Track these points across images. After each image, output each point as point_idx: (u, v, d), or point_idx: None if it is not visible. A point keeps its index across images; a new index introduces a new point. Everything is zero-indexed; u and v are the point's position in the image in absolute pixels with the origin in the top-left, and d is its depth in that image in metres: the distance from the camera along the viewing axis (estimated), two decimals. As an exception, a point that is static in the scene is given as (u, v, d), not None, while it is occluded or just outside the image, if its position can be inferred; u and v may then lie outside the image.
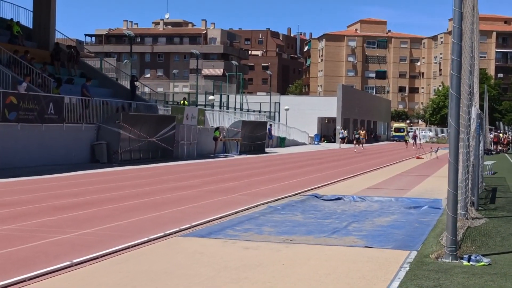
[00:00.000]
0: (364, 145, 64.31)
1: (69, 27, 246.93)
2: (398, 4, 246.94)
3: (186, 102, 54.18)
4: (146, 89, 50.76)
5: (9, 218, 13.62)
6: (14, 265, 9.28)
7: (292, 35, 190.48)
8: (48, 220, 13.46)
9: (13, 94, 27.86)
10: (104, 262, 9.66)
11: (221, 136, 45.37)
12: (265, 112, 73.16)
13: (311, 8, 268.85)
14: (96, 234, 11.93)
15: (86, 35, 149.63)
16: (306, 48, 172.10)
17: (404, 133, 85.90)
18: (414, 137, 71.89)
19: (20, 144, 27.82)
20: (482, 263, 9.92)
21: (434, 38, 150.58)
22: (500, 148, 65.76)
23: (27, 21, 41.65)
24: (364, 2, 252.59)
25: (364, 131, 69.25)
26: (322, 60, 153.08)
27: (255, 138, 51.99)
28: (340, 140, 77.16)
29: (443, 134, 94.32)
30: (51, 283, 8.37)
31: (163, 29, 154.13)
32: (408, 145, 70.83)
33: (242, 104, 72.91)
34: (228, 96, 70.98)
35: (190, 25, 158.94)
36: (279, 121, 74.85)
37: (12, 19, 40.15)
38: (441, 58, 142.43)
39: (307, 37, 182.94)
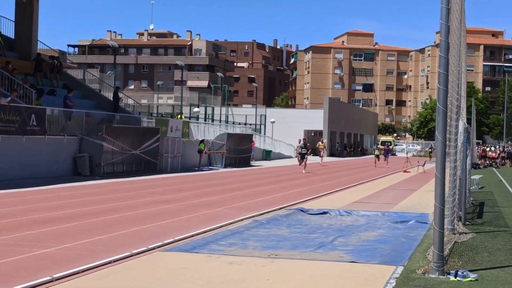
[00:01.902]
0: (323, 159, 57.69)
1: (51, 37, 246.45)
2: (385, 16, 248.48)
3: (183, 117, 54.18)
4: (130, 101, 50.79)
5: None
6: (1, 278, 9.24)
7: (278, 47, 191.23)
8: (28, 234, 13.38)
9: (-6, 106, 27.79)
10: (85, 277, 9.62)
11: (206, 149, 45.34)
12: (250, 124, 73.23)
13: (297, 20, 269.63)
14: (78, 249, 11.87)
15: (69, 45, 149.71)
16: (292, 60, 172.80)
17: (376, 148, 66.53)
18: (386, 152, 62.10)
19: (0, 156, 27.69)
20: (469, 279, 9.94)
21: (421, 51, 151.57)
22: (488, 162, 66.04)
23: (9, 31, 41.64)
24: (351, 14, 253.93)
25: (323, 143, 63.17)
26: (308, 72, 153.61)
27: (241, 151, 52.01)
28: (298, 156, 53.39)
29: (430, 146, 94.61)
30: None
31: (148, 40, 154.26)
32: (377, 161, 58.56)
33: (228, 116, 73.00)
34: (213, 108, 70.98)
35: (175, 36, 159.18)
36: (264, 134, 74.95)
37: (-6, 30, 40.14)
38: (428, 71, 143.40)
39: (294, 49, 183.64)
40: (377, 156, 59.67)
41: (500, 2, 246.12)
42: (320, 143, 61.38)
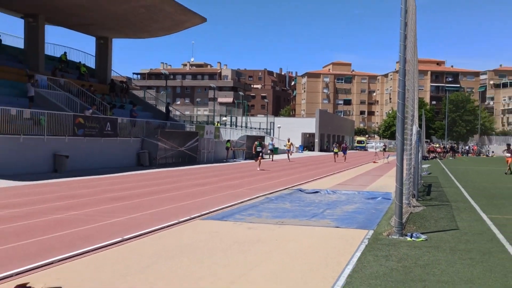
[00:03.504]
0: (291, 156, 48.54)
1: (121, 67, 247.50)
2: (359, 50, 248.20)
3: (219, 124, 54.39)
4: (177, 112, 50.96)
5: (77, 206, 13.67)
6: (80, 240, 9.34)
7: (283, 73, 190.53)
8: (105, 208, 13.51)
9: (81, 116, 28.01)
10: (146, 238, 9.72)
11: (231, 146, 45.48)
12: (263, 129, 73.31)
13: (296, 53, 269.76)
14: (141, 218, 11.97)
15: (133, 73, 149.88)
16: (293, 83, 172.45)
17: (334, 146, 51.46)
18: (344, 149, 49.99)
19: (85, 153, 27.91)
20: (421, 239, 9.95)
21: (386, 75, 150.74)
22: (434, 155, 65.65)
23: (91, 63, 41.94)
24: (335, 49, 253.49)
25: (289, 142, 50.57)
26: (304, 91, 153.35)
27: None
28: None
29: (391, 145, 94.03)
30: (110, 253, 8.42)
31: (189, 69, 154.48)
32: (337, 157, 48.00)
33: (246, 123, 73.05)
34: (236, 118, 71.23)
35: (209, 66, 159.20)
36: (273, 136, 74.96)
37: (80, 62, 40.46)
38: (391, 90, 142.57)
39: (294, 75, 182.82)
40: (336, 153, 48.65)
41: (443, 41, 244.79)
42: (287, 142, 50.85)
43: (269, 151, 47.53)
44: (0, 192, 16.62)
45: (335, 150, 49.33)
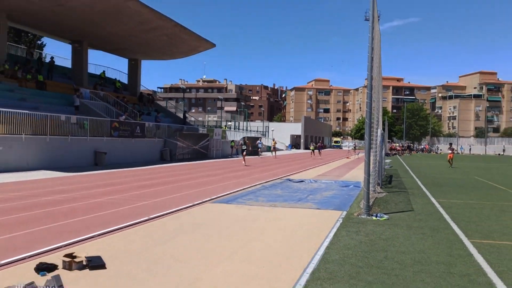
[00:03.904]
0: (276, 153, 44.44)
1: (148, 82, 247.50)
2: (335, 69, 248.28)
3: (226, 127, 54.35)
4: (192, 118, 50.81)
5: (112, 192, 13.67)
6: (115, 218, 9.33)
7: (275, 87, 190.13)
8: (134, 194, 13.50)
9: (116, 121, 27.97)
10: (166, 217, 9.71)
11: (234, 145, 45.42)
12: (260, 131, 73.25)
13: (287, 72, 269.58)
14: (163, 202, 11.97)
15: (158, 87, 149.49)
16: (283, 95, 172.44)
17: (312, 144, 49.15)
18: (320, 147, 48.60)
19: (120, 150, 27.88)
20: (384, 218, 9.96)
21: (357, 89, 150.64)
22: (394, 152, 65.64)
23: (124, 79, 41.91)
24: (316, 68, 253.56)
25: (274, 141, 47.78)
26: (292, 102, 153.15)
27: (254, 146, 51.98)
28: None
29: (362, 144, 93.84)
30: (138, 229, 8.42)
31: (202, 84, 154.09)
32: (313, 154, 46.15)
33: (247, 127, 72.98)
34: (238, 122, 71.14)
35: (217, 82, 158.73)
36: (267, 137, 74.90)
37: (115, 78, 40.44)
38: (360, 101, 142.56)
39: (284, 89, 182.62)
40: (312, 151, 46.47)
41: (402, 62, 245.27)
42: (272, 141, 47.74)
43: (259, 150, 44.46)
44: (52, 181, 16.64)
45: (311, 148, 47.26)
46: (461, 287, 5.49)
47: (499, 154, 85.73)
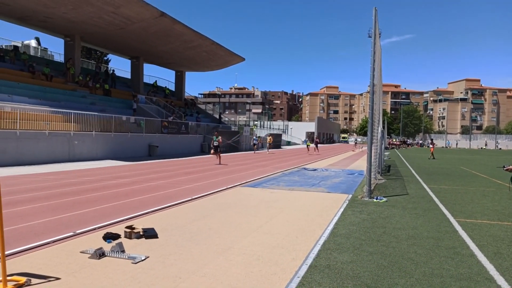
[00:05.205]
0: (269, 150, 37.79)
1: (191, 89, 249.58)
2: (343, 78, 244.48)
3: (255, 126, 54.49)
4: (226, 119, 51.01)
5: (163, 177, 13.85)
6: (166, 198, 9.46)
7: (294, 93, 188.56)
8: (180, 179, 13.64)
9: (166, 121, 28.31)
10: (203, 199, 9.78)
11: (260, 140, 45.33)
12: (280, 129, 73.02)
13: (303, 80, 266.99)
14: (203, 186, 12.07)
15: (198, 93, 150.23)
16: (300, 99, 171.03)
17: (308, 139, 37.27)
18: (316, 143, 38.64)
19: (169, 144, 28.24)
20: (383, 200, 9.81)
21: (361, 94, 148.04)
22: (393, 146, 64.26)
23: (172, 87, 42.31)
24: (328, 77, 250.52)
25: (269, 138, 38.74)
26: (308, 105, 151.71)
27: (276, 141, 51.84)
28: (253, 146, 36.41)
29: (365, 140, 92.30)
30: (183, 207, 8.51)
31: (234, 90, 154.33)
32: (310, 149, 38.83)
33: (270, 125, 72.86)
34: (263, 122, 71.24)
35: (246, 89, 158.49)
36: (287, 133, 74.61)
37: (165, 86, 40.85)
38: (364, 103, 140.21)
39: (301, 94, 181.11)
40: (308, 146, 38.85)
41: (400, 71, 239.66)
42: (268, 138, 39.38)
43: (254, 146, 36.52)
44: (115, 169, 17.00)
45: (308, 143, 40.29)
46: (448, 257, 5.37)
47: (481, 148, 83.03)
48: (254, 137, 38.05)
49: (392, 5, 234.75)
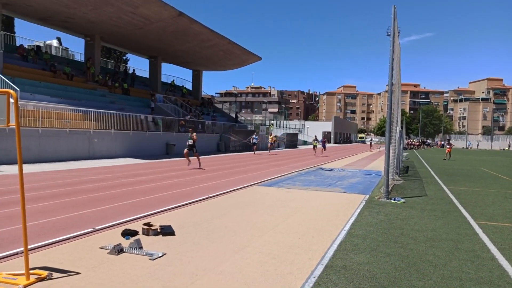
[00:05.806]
0: (270, 150, 33.45)
1: (208, 88, 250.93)
2: (362, 76, 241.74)
3: (272, 125, 54.54)
4: (242, 118, 51.14)
5: (180, 175, 13.95)
6: (183, 196, 9.53)
7: (310, 92, 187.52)
8: (197, 177, 13.73)
9: (183, 120, 28.55)
10: (219, 198, 9.82)
11: (276, 139, 45.26)
12: (297, 128, 72.73)
13: (320, 79, 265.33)
14: (219, 184, 12.12)
15: (215, 92, 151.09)
16: (317, 99, 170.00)
17: (314, 139, 32.68)
18: (323, 143, 34.12)
19: (185, 143, 28.33)
20: (401, 202, 9.68)
21: (379, 94, 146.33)
22: (411, 146, 63.24)
23: (189, 86, 42.61)
24: (345, 76, 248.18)
25: (271, 137, 34.02)
26: (324, 104, 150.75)
27: (292, 140, 51.73)
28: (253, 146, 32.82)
29: (382, 140, 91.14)
30: (200, 205, 8.57)
31: (250, 89, 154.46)
32: (316, 150, 33.63)
33: (286, 125, 72.65)
34: (280, 121, 71.08)
35: (262, 88, 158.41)
36: (303, 133, 74.24)
37: (182, 86, 41.18)
38: (382, 103, 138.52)
39: (318, 93, 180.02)
40: (314, 147, 33.79)
41: (419, 70, 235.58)
42: (269, 137, 34.21)
43: (254, 146, 32.94)
44: (134, 166, 17.24)
45: (314, 143, 33.95)
46: (468, 260, 5.27)
47: (504, 149, 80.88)
48: (254, 136, 33.57)
49: (412, 3, 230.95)
